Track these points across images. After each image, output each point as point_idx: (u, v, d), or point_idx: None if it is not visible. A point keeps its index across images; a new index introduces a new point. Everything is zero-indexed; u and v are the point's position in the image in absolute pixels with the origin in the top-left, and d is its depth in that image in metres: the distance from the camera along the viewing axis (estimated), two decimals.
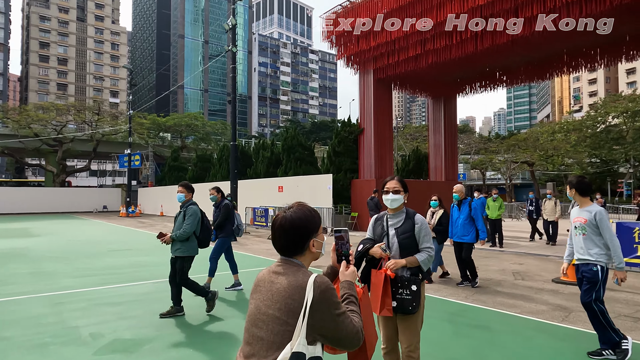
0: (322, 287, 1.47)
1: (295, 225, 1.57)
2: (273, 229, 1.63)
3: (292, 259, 1.59)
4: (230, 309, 5.94)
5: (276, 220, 1.62)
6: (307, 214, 1.62)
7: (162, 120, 44.74)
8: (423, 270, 3.11)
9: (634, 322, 5.18)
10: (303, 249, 1.60)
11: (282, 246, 1.60)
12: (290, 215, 1.59)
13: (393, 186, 3.17)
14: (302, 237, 1.59)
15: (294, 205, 1.65)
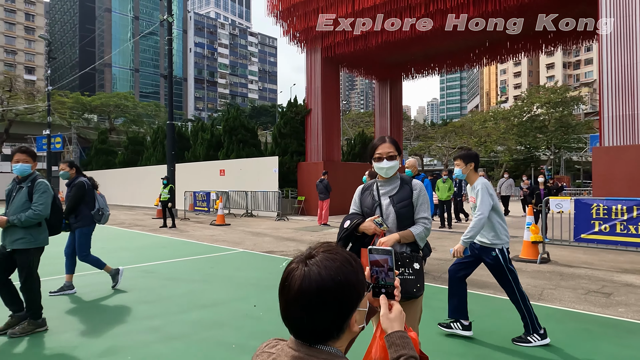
0: None
1: (333, 296, 0.91)
2: (286, 298, 0.94)
3: (322, 345, 0.94)
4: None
5: (292, 279, 0.93)
6: (345, 269, 0.95)
7: (87, 99, 40.91)
8: (420, 245, 2.54)
9: (605, 297, 5.08)
10: (341, 330, 0.95)
11: (306, 329, 0.94)
12: (321, 276, 0.91)
13: (387, 151, 2.55)
14: (343, 313, 0.94)
15: (318, 251, 0.97)
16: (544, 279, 6.04)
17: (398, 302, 1.17)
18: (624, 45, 10.39)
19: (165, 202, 13.17)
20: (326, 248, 0.99)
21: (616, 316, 4.38)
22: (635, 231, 6.45)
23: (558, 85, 50.37)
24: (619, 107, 10.43)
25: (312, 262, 0.94)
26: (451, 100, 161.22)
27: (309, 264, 0.94)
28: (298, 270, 0.94)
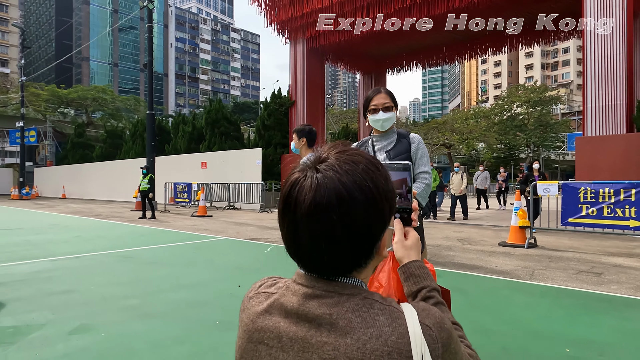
0: (444, 338, 0.65)
1: (357, 205, 0.65)
2: (293, 217, 0.67)
3: (344, 277, 0.69)
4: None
5: (300, 191, 0.66)
6: (373, 174, 0.68)
7: (64, 92, 39.63)
8: (422, 204, 2.37)
9: (596, 276, 5.01)
10: (370, 255, 0.70)
11: (324, 258, 0.67)
12: (342, 183, 0.65)
13: (383, 102, 2.37)
14: (373, 232, 0.68)
15: (330, 153, 0.70)
16: (534, 261, 5.97)
17: (414, 229, 0.95)
18: (606, 40, 10.48)
19: (144, 192, 12.73)
20: (340, 148, 0.72)
21: (610, 292, 4.30)
22: (622, 214, 6.44)
23: (537, 85, 51.34)
24: (601, 99, 10.53)
25: (326, 167, 0.67)
26: (433, 100, 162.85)
27: (321, 169, 0.67)
28: (307, 178, 0.67)
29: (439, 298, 0.85)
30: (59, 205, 19.91)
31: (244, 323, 0.74)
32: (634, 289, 4.42)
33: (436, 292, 0.86)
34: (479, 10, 12.73)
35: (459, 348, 0.69)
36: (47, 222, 12.01)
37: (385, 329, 0.63)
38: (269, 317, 0.70)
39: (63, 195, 28.73)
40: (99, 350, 2.81)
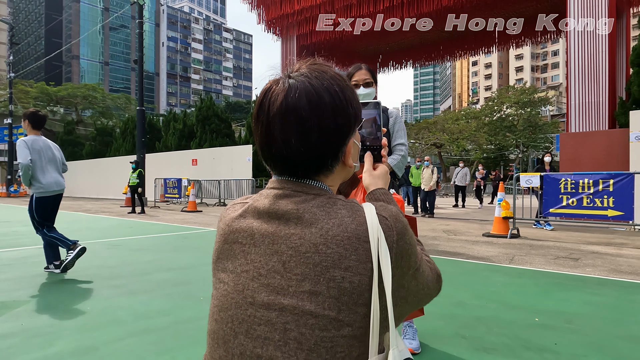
0: (399, 228, 0.70)
1: (325, 106, 0.71)
2: (266, 117, 0.72)
3: (312, 180, 0.75)
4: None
5: (272, 94, 0.72)
6: (340, 82, 0.74)
7: (53, 89, 39.27)
8: (398, 175, 2.49)
9: (573, 261, 5.16)
10: (336, 159, 0.76)
11: (294, 156, 0.72)
12: (312, 86, 0.71)
13: (364, 78, 2.49)
14: (339, 134, 0.74)
15: (302, 65, 0.76)
16: (515, 249, 6.12)
17: (384, 164, 1.00)
18: (589, 39, 10.73)
19: (134, 187, 12.71)
20: (312, 61, 0.77)
21: (585, 274, 4.45)
22: (600, 204, 6.62)
23: (527, 87, 51.95)
24: (584, 96, 10.76)
25: (298, 74, 0.73)
26: (424, 101, 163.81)
27: (293, 76, 0.73)
28: (279, 84, 0.72)
29: None
30: None
31: (221, 229, 0.79)
32: (607, 271, 4.58)
33: None
34: (465, 9, 12.93)
35: (414, 241, 0.74)
36: None
37: (346, 219, 0.69)
38: (243, 220, 0.76)
39: None
40: (84, 320, 2.88)
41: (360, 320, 0.65)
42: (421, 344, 2.49)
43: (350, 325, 0.64)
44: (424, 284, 0.76)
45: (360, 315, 0.65)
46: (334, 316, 0.64)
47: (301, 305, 0.65)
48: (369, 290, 0.65)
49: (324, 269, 0.65)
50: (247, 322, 0.68)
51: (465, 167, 15.43)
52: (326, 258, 0.65)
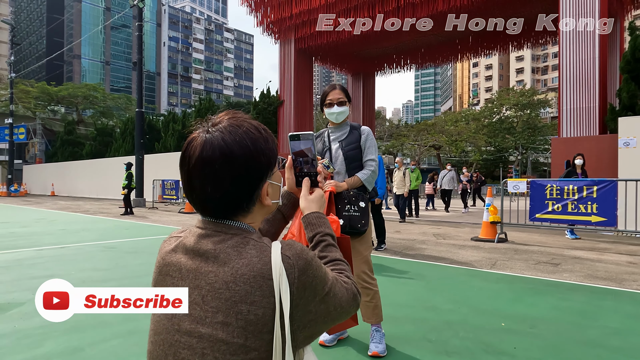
0: (301, 265, 0.80)
1: (236, 159, 0.82)
2: (187, 168, 0.84)
3: (230, 221, 0.86)
4: None
5: (192, 147, 0.84)
6: (253, 135, 0.86)
7: (54, 89, 39.42)
8: (368, 189, 2.66)
9: (553, 266, 5.31)
10: (251, 201, 0.87)
11: (211, 201, 0.84)
12: (225, 142, 0.82)
13: (337, 97, 2.66)
14: (251, 181, 0.85)
15: (222, 119, 0.87)
16: (499, 253, 6.27)
17: (321, 189, 1.12)
18: (581, 45, 10.87)
19: (124, 188, 12.82)
20: (231, 115, 0.88)
21: (560, 279, 4.60)
22: (585, 210, 6.77)
23: (526, 89, 52.07)
24: (576, 102, 10.91)
25: (215, 129, 0.84)
26: (425, 102, 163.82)
27: (211, 131, 0.84)
28: (199, 137, 0.83)
29: (330, 241, 1.02)
30: (47, 202, 19.95)
31: (157, 260, 0.90)
32: (583, 276, 4.73)
33: (329, 237, 1.02)
34: (463, 11, 13.06)
35: (319, 273, 0.83)
36: (34, 217, 12.13)
37: (254, 259, 0.78)
38: (174, 254, 0.86)
39: (52, 193, 28.67)
40: (73, 322, 3.04)
41: (265, 345, 0.77)
42: (388, 348, 2.65)
43: (257, 350, 0.77)
44: (335, 306, 0.86)
45: (266, 341, 0.77)
46: (242, 343, 0.75)
47: (215, 334, 0.76)
48: (272, 320, 0.77)
49: (233, 303, 0.76)
50: (175, 346, 0.80)
51: (452, 170, 14.82)
52: (235, 294, 0.76)
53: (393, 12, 13.77)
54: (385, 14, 13.80)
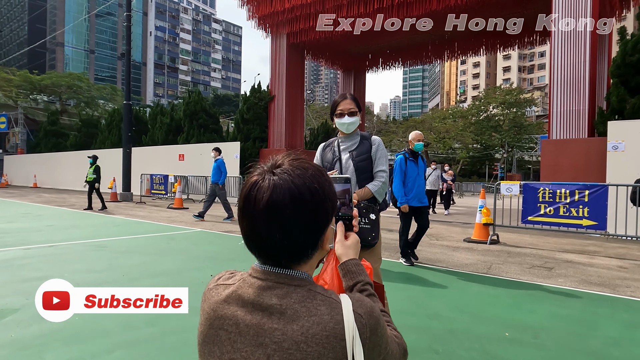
0: (372, 324, 0.78)
1: (306, 204, 0.79)
2: (252, 212, 0.80)
3: (291, 270, 0.82)
4: None
5: (258, 191, 0.79)
6: (320, 179, 0.83)
7: (37, 78, 38.48)
8: (379, 200, 2.64)
9: (547, 270, 5.39)
10: (315, 247, 0.84)
11: (277, 248, 0.80)
12: (295, 184, 0.79)
13: (349, 107, 2.63)
14: (319, 226, 0.82)
15: (284, 160, 0.84)
16: (493, 256, 6.34)
17: (355, 233, 1.08)
18: (572, 47, 10.99)
19: (91, 182, 12.45)
20: (293, 157, 0.85)
21: (556, 285, 4.67)
22: (576, 213, 6.88)
23: (513, 87, 52.73)
24: (566, 104, 11.05)
25: (281, 171, 0.80)
26: (413, 98, 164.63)
27: (277, 173, 0.80)
28: (265, 180, 0.79)
29: (371, 290, 0.99)
30: (30, 195, 19.50)
31: (206, 312, 0.85)
32: (577, 282, 4.81)
33: (369, 286, 0.99)
34: (455, 10, 13.08)
35: (385, 332, 0.82)
36: (19, 211, 11.84)
37: (325, 317, 0.75)
38: (227, 306, 0.81)
39: (34, 185, 28.05)
40: (73, 331, 2.96)
41: None
42: None
43: None
44: None
45: None
46: None
47: None
48: None
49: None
50: None
51: (437, 168, 13.73)
52: (307, 356, 0.72)
53: (388, 9, 13.71)
54: (377, 12, 13.74)
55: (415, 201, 5.54)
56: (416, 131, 5.78)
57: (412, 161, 5.57)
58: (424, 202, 5.65)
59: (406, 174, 5.50)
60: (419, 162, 5.61)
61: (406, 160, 5.55)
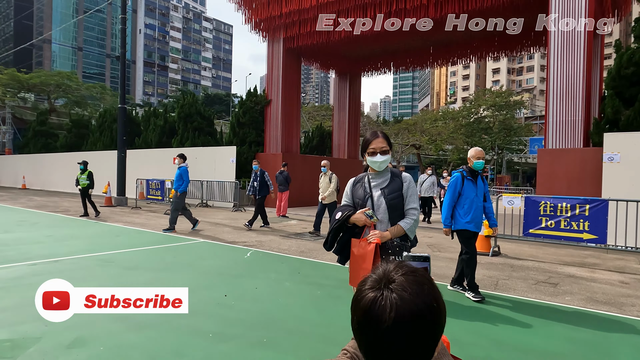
0: None
1: (429, 323, 0.84)
2: (376, 331, 0.84)
3: None
4: None
5: (380, 310, 0.83)
6: (436, 294, 0.88)
7: (25, 76, 37.78)
8: (410, 237, 2.70)
9: (552, 287, 5.50)
10: (432, 354, 0.89)
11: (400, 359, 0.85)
12: (416, 304, 0.83)
13: (381, 146, 2.69)
14: (435, 339, 0.87)
15: (396, 274, 0.89)
16: (497, 270, 6.45)
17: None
18: (568, 56, 11.19)
19: (85, 189, 12.36)
20: (405, 270, 0.89)
21: (564, 304, 4.77)
22: (577, 227, 7.02)
23: (503, 90, 53.34)
24: (562, 113, 11.24)
25: (397, 287, 0.84)
26: (403, 98, 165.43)
27: (394, 289, 0.84)
28: (384, 298, 0.83)
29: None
30: (21, 198, 19.19)
31: None
32: (584, 300, 4.92)
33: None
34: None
35: None
36: (13, 218, 11.66)
37: None
38: None
39: (23, 186, 27.60)
40: None
41: None
42: None
43: None
44: None
45: None
46: None
47: None
48: None
49: None
50: None
51: (433, 174, 13.47)
52: None
53: (387, 15, 13.76)
54: (378, 17, 13.79)
55: (472, 225, 4.94)
56: (476, 148, 5.15)
57: (471, 181, 4.97)
58: (479, 230, 5.12)
59: (462, 194, 4.95)
60: (478, 183, 5.02)
61: (463, 179, 4.98)
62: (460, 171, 5.08)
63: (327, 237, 2.75)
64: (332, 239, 2.74)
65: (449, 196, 5.02)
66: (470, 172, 5.02)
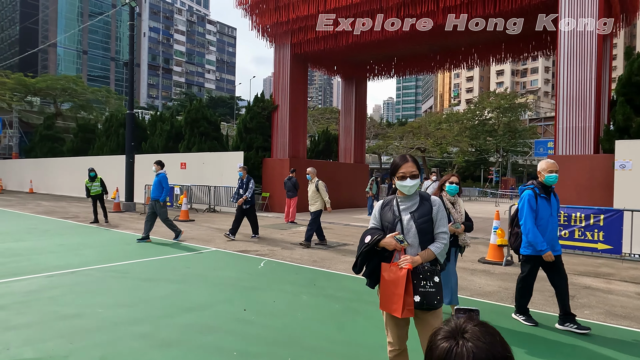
0: None
1: None
2: None
3: None
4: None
5: (460, 358, 0.90)
6: (506, 346, 0.95)
7: (31, 81, 38.02)
8: (440, 261, 2.71)
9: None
10: None
11: None
12: (491, 353, 0.90)
13: (411, 171, 2.69)
14: None
15: (467, 324, 0.96)
16: (512, 281, 6.41)
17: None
18: (578, 62, 11.15)
19: (98, 196, 12.51)
20: (476, 322, 0.97)
21: (584, 318, 4.74)
22: (591, 237, 6.99)
23: (507, 92, 53.23)
24: (572, 119, 11.21)
25: (472, 337, 0.91)
26: (406, 100, 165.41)
27: (469, 338, 0.91)
28: (460, 347, 0.90)
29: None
30: (29, 203, 19.29)
31: None
32: (604, 315, 4.89)
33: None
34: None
35: None
36: (23, 225, 11.71)
37: None
38: None
39: (30, 190, 27.74)
40: None
41: None
42: None
43: None
44: None
45: None
46: None
47: None
48: None
49: None
50: None
51: (437, 180, 13.35)
52: None
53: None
54: (382, 22, 13.81)
55: (549, 248, 4.40)
56: (547, 160, 4.50)
57: (544, 198, 4.37)
58: (558, 250, 4.51)
59: (537, 213, 4.35)
60: (551, 200, 4.42)
61: (536, 197, 4.35)
62: (532, 187, 4.43)
63: (356, 261, 2.75)
64: (362, 263, 2.75)
65: (531, 217, 4.30)
66: (543, 188, 4.40)
